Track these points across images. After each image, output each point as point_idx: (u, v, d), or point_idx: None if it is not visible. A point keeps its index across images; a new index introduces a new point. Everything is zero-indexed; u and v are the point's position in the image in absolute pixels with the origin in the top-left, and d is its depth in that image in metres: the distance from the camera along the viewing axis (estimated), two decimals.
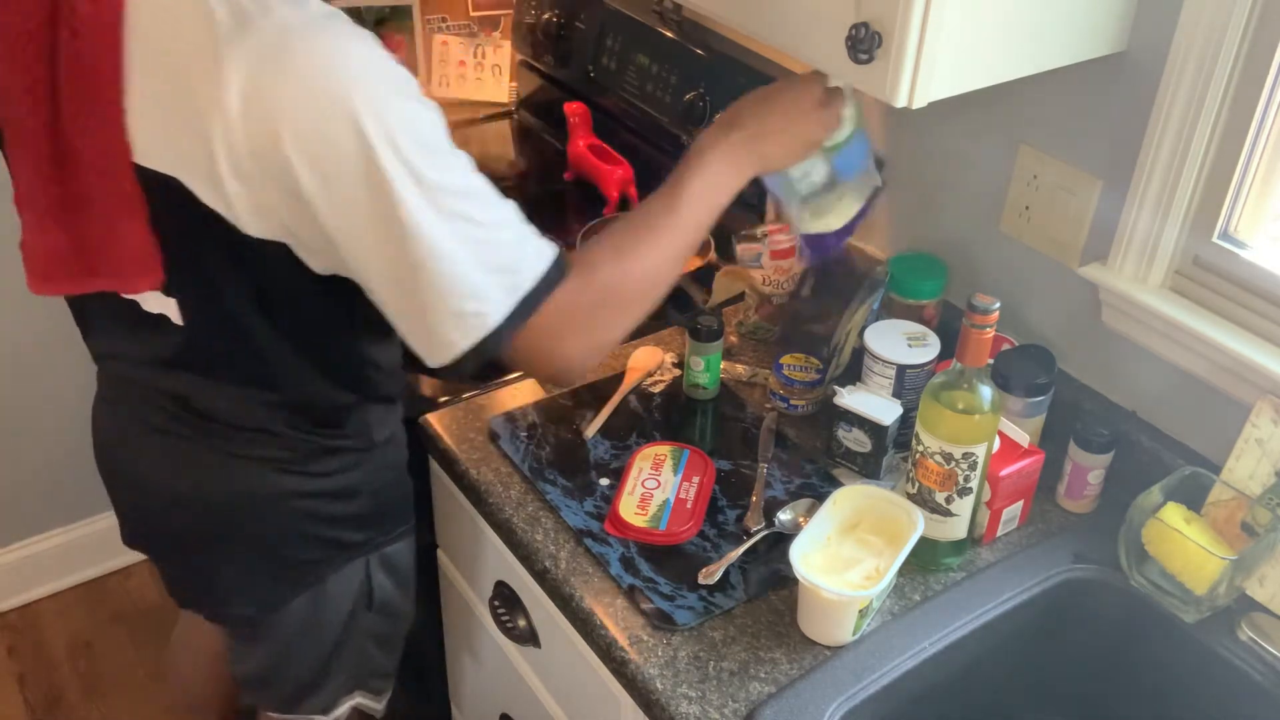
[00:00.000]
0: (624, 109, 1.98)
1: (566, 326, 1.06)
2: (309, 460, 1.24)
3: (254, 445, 1.22)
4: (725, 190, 1.18)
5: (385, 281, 1.02)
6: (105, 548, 2.44)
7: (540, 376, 1.09)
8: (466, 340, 1.01)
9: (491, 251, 1.00)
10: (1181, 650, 1.20)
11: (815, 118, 1.20)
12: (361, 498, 1.30)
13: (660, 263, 1.12)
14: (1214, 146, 1.20)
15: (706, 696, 1.11)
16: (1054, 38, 1.15)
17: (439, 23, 2.25)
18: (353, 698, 1.47)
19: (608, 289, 1.09)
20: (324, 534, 1.29)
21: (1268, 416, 1.19)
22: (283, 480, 1.24)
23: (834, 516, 1.21)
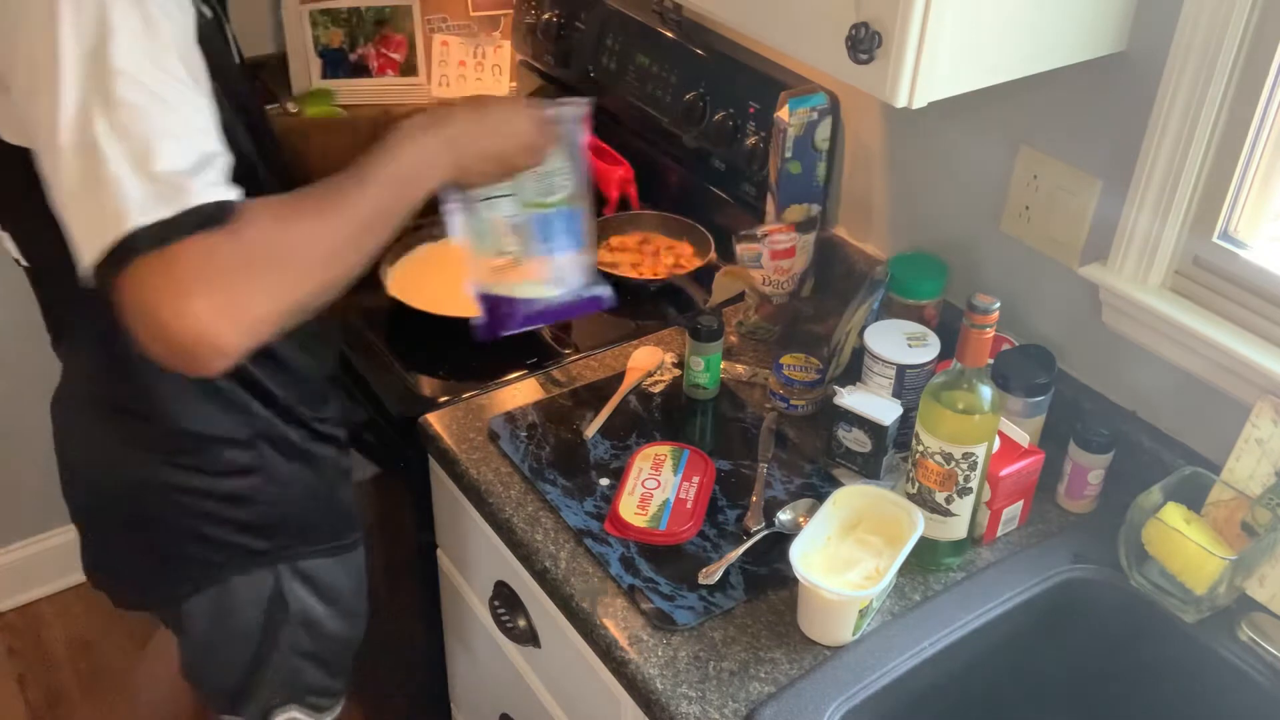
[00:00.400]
0: (624, 109, 1.98)
1: (198, 277, 0.88)
2: (194, 455, 1.21)
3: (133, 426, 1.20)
4: (416, 184, 1.08)
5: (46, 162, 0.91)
6: None
7: (155, 337, 0.88)
8: (100, 238, 0.87)
9: (154, 160, 0.88)
10: (1181, 650, 1.20)
11: (522, 142, 1.17)
12: (259, 505, 1.26)
13: (326, 236, 0.99)
14: (1214, 146, 1.20)
15: (706, 696, 1.11)
16: (1054, 38, 1.15)
17: (439, 23, 2.25)
18: (288, 711, 1.44)
19: (255, 248, 0.93)
20: (217, 535, 1.26)
21: (1268, 416, 1.19)
22: (170, 473, 1.22)
23: (834, 516, 1.21)
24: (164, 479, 1.23)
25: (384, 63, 2.25)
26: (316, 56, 2.21)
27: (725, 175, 1.80)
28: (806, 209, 1.61)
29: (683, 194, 1.90)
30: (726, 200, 1.81)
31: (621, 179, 1.91)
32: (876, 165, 1.60)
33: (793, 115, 1.53)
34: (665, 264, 1.77)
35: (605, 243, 1.82)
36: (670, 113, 1.86)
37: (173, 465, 1.23)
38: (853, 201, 1.66)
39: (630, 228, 1.85)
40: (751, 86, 1.71)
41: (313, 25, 2.19)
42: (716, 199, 1.83)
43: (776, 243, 1.54)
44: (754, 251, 1.54)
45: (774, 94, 1.57)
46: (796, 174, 1.58)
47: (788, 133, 1.54)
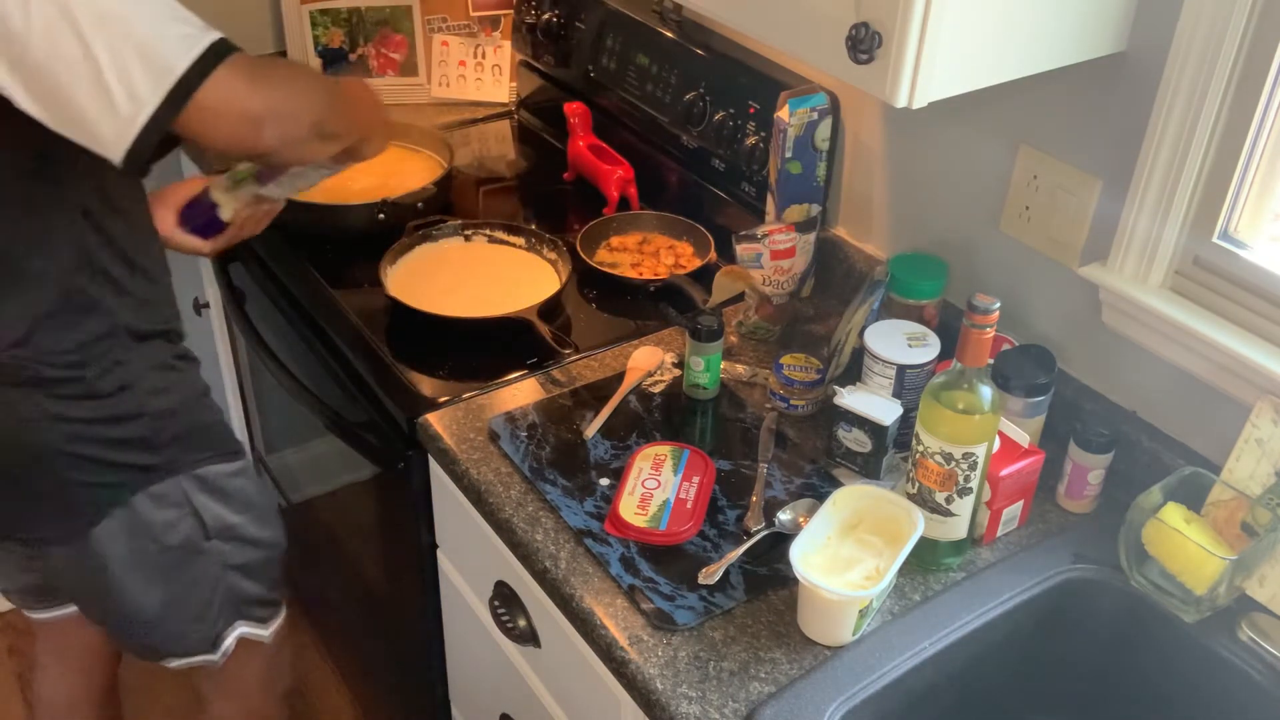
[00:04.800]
0: (624, 109, 1.98)
1: (254, 75, 1.18)
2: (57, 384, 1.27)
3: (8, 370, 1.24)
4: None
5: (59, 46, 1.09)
6: None
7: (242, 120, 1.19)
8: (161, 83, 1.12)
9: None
10: (1181, 650, 1.20)
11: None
12: (141, 419, 1.33)
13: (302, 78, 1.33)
14: (1214, 146, 1.20)
15: (706, 696, 1.11)
16: (1054, 38, 1.15)
17: (439, 23, 2.25)
18: (235, 629, 1.52)
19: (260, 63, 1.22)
20: (107, 456, 1.32)
21: (1268, 416, 1.19)
22: (53, 405, 1.27)
23: (834, 517, 1.21)
24: (49, 411, 1.27)
25: (384, 63, 2.25)
26: (316, 56, 2.21)
27: (725, 175, 1.80)
28: (806, 209, 1.61)
29: (683, 194, 1.90)
30: (726, 200, 1.81)
31: (621, 179, 1.91)
32: (876, 165, 1.60)
33: (793, 115, 1.53)
34: (665, 264, 1.77)
35: (605, 243, 1.82)
36: (670, 113, 1.86)
37: (54, 397, 1.27)
38: (853, 201, 1.66)
39: (630, 228, 1.85)
40: (751, 86, 1.71)
41: (313, 25, 2.19)
42: (716, 199, 1.83)
43: (776, 243, 1.54)
44: (754, 251, 1.54)
45: (774, 94, 1.57)
46: (796, 174, 1.58)
47: (788, 133, 1.54)
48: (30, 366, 1.26)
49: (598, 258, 1.78)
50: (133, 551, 1.38)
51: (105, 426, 1.31)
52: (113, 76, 1.10)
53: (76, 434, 1.30)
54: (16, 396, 1.27)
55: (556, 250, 1.74)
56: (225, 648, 1.53)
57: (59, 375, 1.27)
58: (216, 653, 1.53)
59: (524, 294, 1.67)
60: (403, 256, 1.74)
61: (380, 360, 1.58)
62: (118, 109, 1.11)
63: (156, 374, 1.35)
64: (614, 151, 1.96)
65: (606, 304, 1.71)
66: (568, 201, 1.98)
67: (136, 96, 1.11)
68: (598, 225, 1.83)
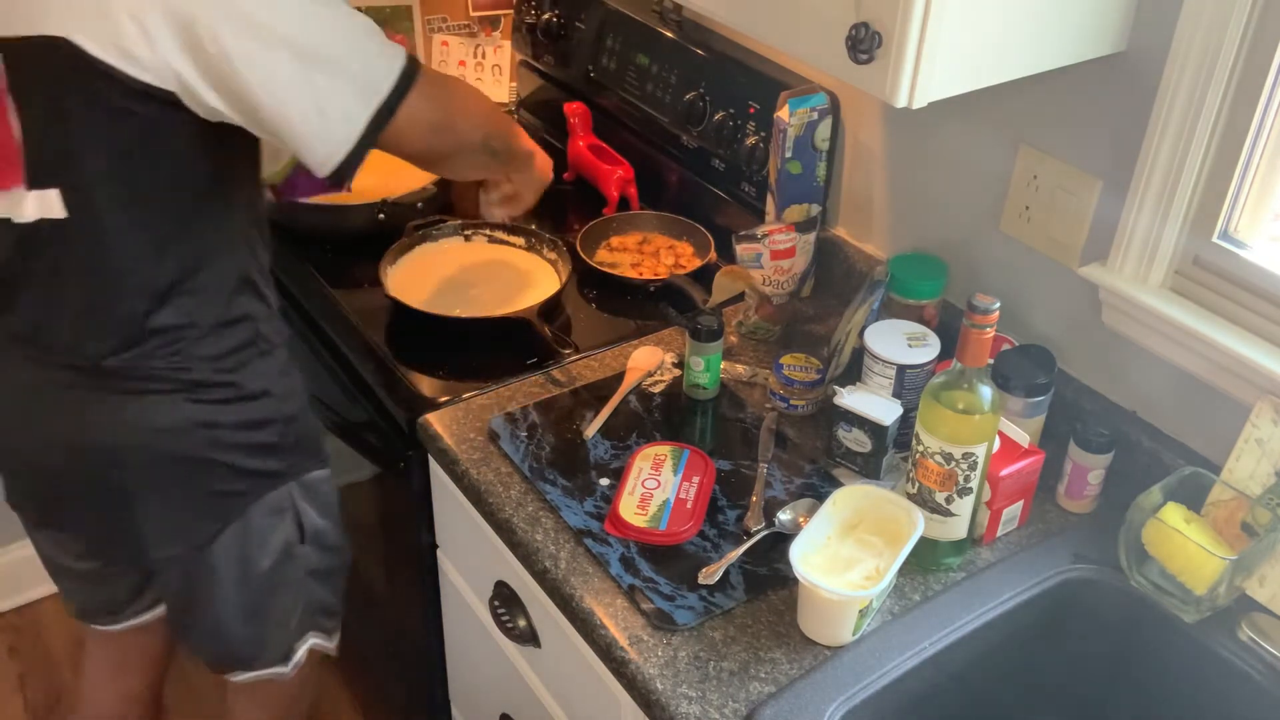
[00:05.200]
0: (624, 109, 1.98)
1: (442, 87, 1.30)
2: (203, 389, 1.28)
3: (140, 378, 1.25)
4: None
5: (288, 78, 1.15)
6: None
7: (440, 127, 1.30)
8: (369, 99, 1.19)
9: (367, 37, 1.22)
10: (1181, 650, 1.20)
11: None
12: (275, 425, 1.35)
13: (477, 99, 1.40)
14: (1214, 146, 1.20)
15: (706, 696, 1.11)
16: (1054, 38, 1.15)
17: (439, 23, 2.25)
18: (307, 640, 1.52)
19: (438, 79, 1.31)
20: (241, 463, 1.32)
21: (1268, 416, 1.19)
22: (190, 409, 1.28)
23: (834, 516, 1.21)
24: (197, 418, 1.28)
25: None
26: None
27: (725, 175, 1.80)
28: (806, 209, 1.61)
29: (683, 194, 1.90)
30: (726, 200, 1.81)
31: (621, 179, 1.91)
32: (876, 165, 1.60)
33: (793, 115, 1.53)
34: (665, 264, 1.77)
35: (605, 243, 1.82)
36: (670, 113, 1.86)
37: (203, 403, 1.28)
38: (853, 201, 1.66)
39: (630, 228, 1.85)
40: (751, 86, 1.71)
41: None
42: (716, 199, 1.83)
43: (776, 243, 1.54)
44: (754, 251, 1.54)
45: (774, 94, 1.57)
46: (796, 174, 1.58)
47: (788, 133, 1.54)
48: (186, 370, 1.27)
49: (598, 258, 1.78)
50: (241, 559, 1.38)
51: (246, 432, 1.32)
52: (328, 99, 1.17)
53: (220, 440, 1.30)
54: (164, 404, 1.27)
55: (556, 250, 1.74)
56: (297, 659, 1.51)
57: (212, 379, 1.29)
58: (289, 664, 1.51)
59: (524, 294, 1.67)
60: (403, 256, 1.74)
61: (380, 360, 1.58)
62: (331, 130, 1.18)
63: (284, 380, 1.38)
64: (614, 151, 1.96)
65: (606, 304, 1.71)
66: (568, 201, 1.98)
67: (350, 117, 1.19)
68: (598, 225, 1.83)
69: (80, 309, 1.23)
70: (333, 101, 1.18)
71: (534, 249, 1.77)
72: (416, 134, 1.26)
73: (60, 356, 1.25)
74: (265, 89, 1.13)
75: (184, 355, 1.26)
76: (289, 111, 1.16)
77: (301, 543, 1.43)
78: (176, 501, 1.32)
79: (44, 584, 2.45)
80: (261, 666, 1.49)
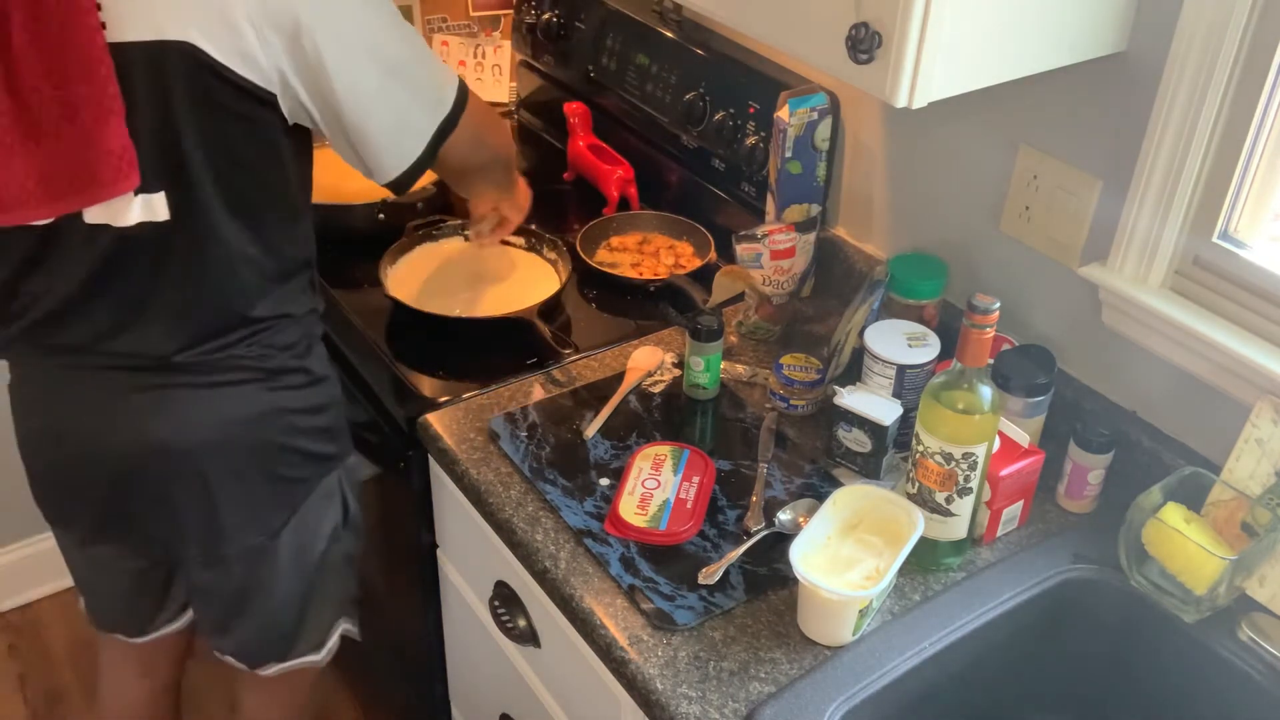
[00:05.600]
0: (624, 109, 1.98)
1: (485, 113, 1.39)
2: (280, 375, 1.31)
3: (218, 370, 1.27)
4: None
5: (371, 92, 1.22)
6: None
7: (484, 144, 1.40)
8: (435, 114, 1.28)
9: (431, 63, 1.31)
10: (1181, 650, 1.20)
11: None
12: (331, 410, 1.40)
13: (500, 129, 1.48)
14: (1214, 146, 1.20)
15: (706, 696, 1.11)
16: (1054, 38, 1.15)
17: (439, 23, 2.25)
18: (339, 627, 1.54)
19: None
20: (306, 447, 1.36)
21: (1268, 416, 1.19)
22: (267, 397, 1.31)
23: (834, 516, 1.21)
24: (272, 404, 1.31)
25: None
26: None
27: (725, 175, 1.80)
28: (806, 209, 1.61)
29: (683, 194, 1.90)
30: (726, 200, 1.81)
31: (621, 179, 1.91)
32: (876, 165, 1.60)
33: (793, 115, 1.53)
34: (665, 264, 1.77)
35: (605, 243, 1.82)
36: (670, 113, 1.86)
37: (277, 389, 1.32)
38: (853, 201, 1.66)
39: (630, 228, 1.85)
40: (751, 86, 1.71)
41: None
42: (716, 199, 1.83)
43: (776, 243, 1.54)
44: (754, 251, 1.54)
45: (774, 94, 1.57)
46: (796, 174, 1.58)
47: (788, 133, 1.54)
48: (268, 358, 1.30)
49: (598, 258, 1.78)
50: (300, 547, 1.41)
51: (312, 416, 1.37)
52: (405, 116, 1.26)
53: (293, 425, 1.34)
54: (242, 393, 1.30)
55: (556, 250, 1.74)
56: (330, 645, 1.54)
57: (289, 365, 1.33)
58: (322, 651, 1.53)
59: (524, 294, 1.67)
60: (403, 256, 1.74)
61: (380, 360, 1.58)
62: (403, 145, 1.27)
63: (330, 366, 1.43)
64: (614, 151, 1.96)
65: (606, 304, 1.71)
66: (568, 201, 1.98)
67: (419, 133, 1.28)
68: (598, 225, 1.83)
69: (169, 312, 1.24)
70: (408, 114, 1.26)
71: (534, 249, 1.77)
72: (464, 149, 1.35)
73: (126, 359, 1.26)
74: (351, 96, 1.20)
75: (264, 345, 1.30)
76: (369, 122, 1.23)
77: (344, 526, 1.46)
78: (253, 489, 1.34)
79: (44, 584, 2.46)
80: (296, 656, 1.51)
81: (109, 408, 1.28)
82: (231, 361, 1.28)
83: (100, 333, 1.25)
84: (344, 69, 1.19)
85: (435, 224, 1.79)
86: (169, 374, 1.26)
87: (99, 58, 1.08)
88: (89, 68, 1.08)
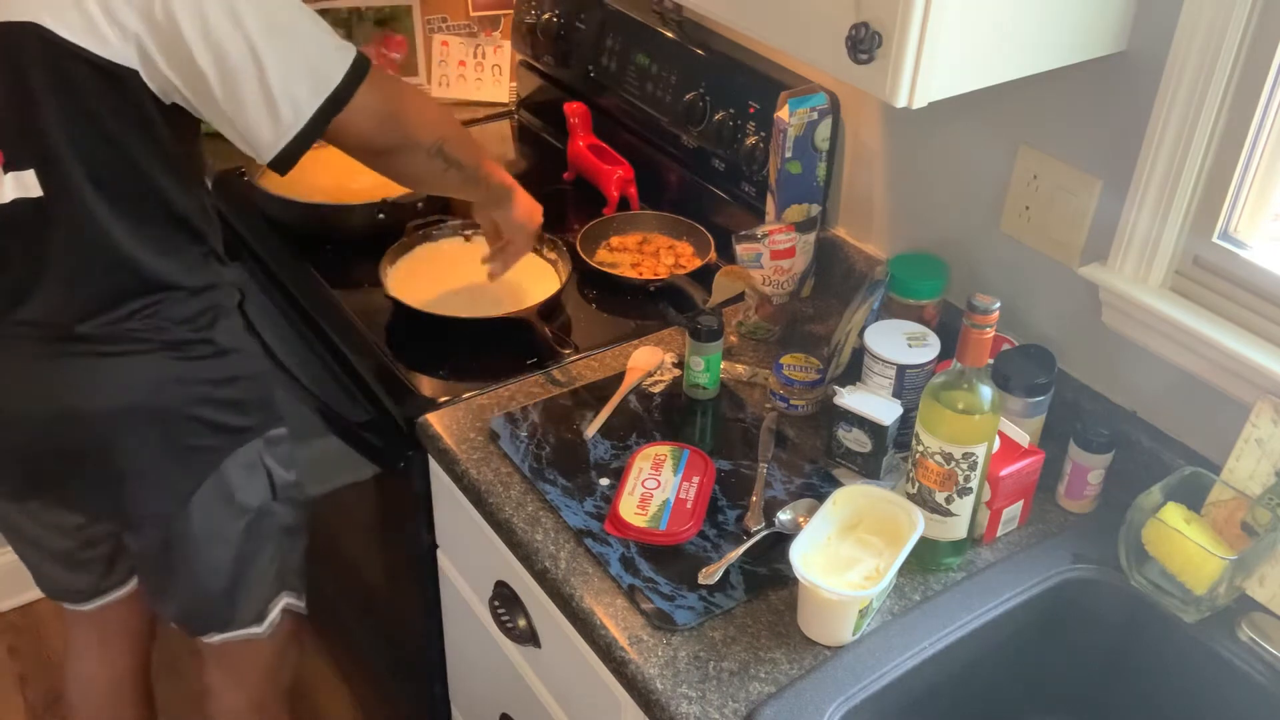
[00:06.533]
0: (624, 109, 1.98)
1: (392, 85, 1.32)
2: (182, 347, 1.33)
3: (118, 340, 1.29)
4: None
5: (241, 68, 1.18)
6: None
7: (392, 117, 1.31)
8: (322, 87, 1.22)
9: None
10: (1181, 650, 1.20)
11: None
12: (242, 382, 1.40)
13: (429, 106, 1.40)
14: (1214, 146, 1.20)
15: (706, 696, 1.11)
16: (1054, 38, 1.15)
17: (439, 23, 2.25)
18: (280, 600, 1.55)
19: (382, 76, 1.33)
20: (212, 418, 1.36)
21: (1268, 416, 1.19)
22: (171, 367, 1.32)
23: (834, 516, 1.21)
24: (176, 374, 1.32)
25: (384, 62, 2.25)
26: None
27: (725, 175, 1.80)
28: (806, 209, 1.61)
29: (683, 194, 1.90)
30: (726, 200, 1.81)
31: (621, 179, 1.91)
32: (876, 165, 1.60)
33: (793, 115, 1.53)
34: (665, 264, 1.77)
35: (605, 243, 1.82)
36: (670, 113, 1.86)
37: (182, 360, 1.33)
38: (853, 201, 1.66)
39: (630, 228, 1.85)
40: (751, 86, 1.71)
41: None
42: (716, 199, 1.83)
43: (776, 243, 1.54)
44: (754, 251, 1.54)
45: (774, 94, 1.57)
46: (796, 174, 1.58)
47: (788, 133, 1.54)
48: (165, 330, 1.31)
49: (598, 258, 1.78)
50: (218, 518, 1.42)
51: (219, 387, 1.37)
52: (278, 85, 1.19)
53: (196, 395, 1.35)
54: (144, 364, 1.31)
55: (556, 250, 1.74)
56: (272, 619, 1.55)
57: (189, 338, 1.33)
58: (264, 624, 1.55)
59: (524, 294, 1.67)
60: (403, 256, 1.74)
61: (380, 360, 1.58)
62: (280, 116, 1.21)
63: (246, 339, 1.44)
64: (614, 151, 1.96)
65: (606, 304, 1.71)
66: (568, 201, 1.98)
67: (297, 105, 1.21)
68: (598, 225, 1.83)
69: (60, 283, 1.26)
70: (286, 84, 1.20)
71: (534, 249, 1.77)
72: (363, 125, 1.28)
73: (30, 329, 1.29)
74: (216, 66, 1.17)
75: (160, 318, 1.31)
76: (239, 92, 1.19)
77: (274, 499, 1.47)
78: (157, 457, 1.35)
79: None
80: (237, 627, 1.53)
81: (19, 374, 1.32)
82: (129, 333, 1.30)
83: (1, 304, 1.28)
84: (204, 39, 1.15)
85: (435, 224, 1.79)
86: (73, 343, 1.29)
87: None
88: None
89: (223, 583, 1.48)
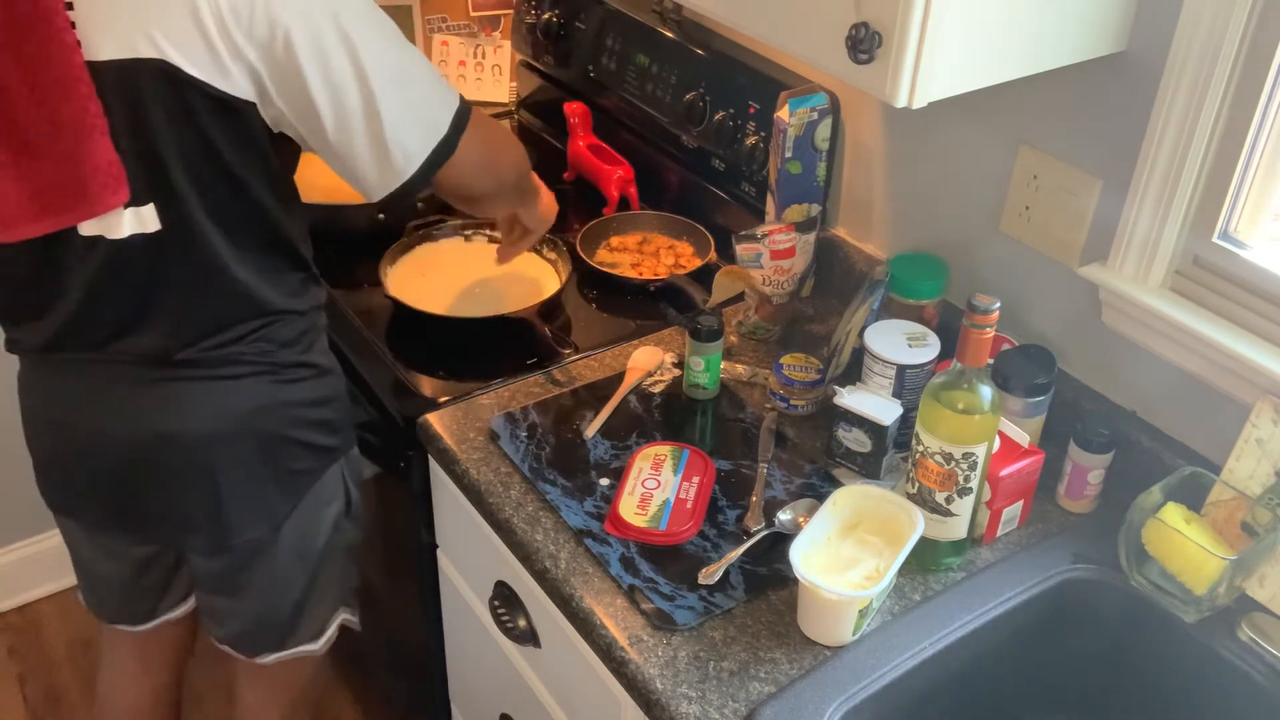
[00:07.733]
0: (624, 109, 1.98)
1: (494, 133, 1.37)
2: (284, 370, 1.32)
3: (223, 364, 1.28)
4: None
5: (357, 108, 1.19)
6: None
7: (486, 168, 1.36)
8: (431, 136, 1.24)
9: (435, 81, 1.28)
10: (1181, 650, 1.20)
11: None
12: (334, 403, 1.41)
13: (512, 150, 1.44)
14: (1214, 146, 1.20)
15: (706, 696, 1.11)
16: (1054, 38, 1.15)
17: (439, 23, 2.25)
18: (338, 616, 1.54)
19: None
20: (310, 440, 1.37)
21: (1268, 416, 1.19)
22: (271, 390, 1.32)
23: (834, 516, 1.21)
24: (278, 397, 1.33)
25: None
26: None
27: (725, 175, 1.80)
28: (806, 209, 1.61)
29: (683, 194, 1.90)
30: (726, 200, 1.81)
31: (621, 179, 1.91)
32: (876, 165, 1.60)
33: (793, 115, 1.53)
34: (665, 264, 1.77)
35: (605, 243, 1.82)
36: (670, 113, 1.86)
37: (283, 383, 1.33)
38: (853, 201, 1.66)
39: (630, 228, 1.85)
40: (751, 86, 1.71)
41: None
42: (716, 199, 1.83)
43: (776, 243, 1.54)
44: (754, 251, 1.54)
45: (774, 94, 1.57)
46: (796, 174, 1.58)
47: (788, 133, 1.54)
48: (270, 353, 1.31)
49: (598, 258, 1.78)
50: (303, 536, 1.42)
51: (316, 409, 1.37)
52: (391, 133, 1.20)
53: (297, 418, 1.35)
54: (244, 387, 1.31)
55: (556, 250, 1.74)
56: (329, 635, 1.55)
57: (292, 359, 1.33)
58: (320, 641, 1.54)
59: (524, 294, 1.67)
60: (403, 256, 1.74)
61: (380, 360, 1.58)
62: (391, 163, 1.22)
63: (334, 360, 1.43)
64: (614, 151, 1.96)
65: (606, 304, 1.71)
66: (568, 201, 1.97)
67: (408, 153, 1.22)
68: (598, 225, 1.83)
69: (169, 314, 1.25)
70: (397, 133, 1.21)
71: (534, 249, 1.77)
72: (465, 175, 1.31)
73: (128, 356, 1.27)
74: (331, 109, 1.17)
75: (266, 341, 1.30)
76: (353, 139, 1.20)
77: (346, 517, 1.47)
78: (257, 481, 1.35)
79: (44, 584, 2.46)
80: (294, 644, 1.51)
81: (116, 400, 1.30)
82: (234, 357, 1.29)
83: (105, 335, 1.26)
84: (323, 80, 1.16)
85: (435, 224, 1.79)
86: (171, 368, 1.27)
87: (77, 76, 1.08)
88: (68, 86, 1.08)
89: (293, 604, 1.47)
